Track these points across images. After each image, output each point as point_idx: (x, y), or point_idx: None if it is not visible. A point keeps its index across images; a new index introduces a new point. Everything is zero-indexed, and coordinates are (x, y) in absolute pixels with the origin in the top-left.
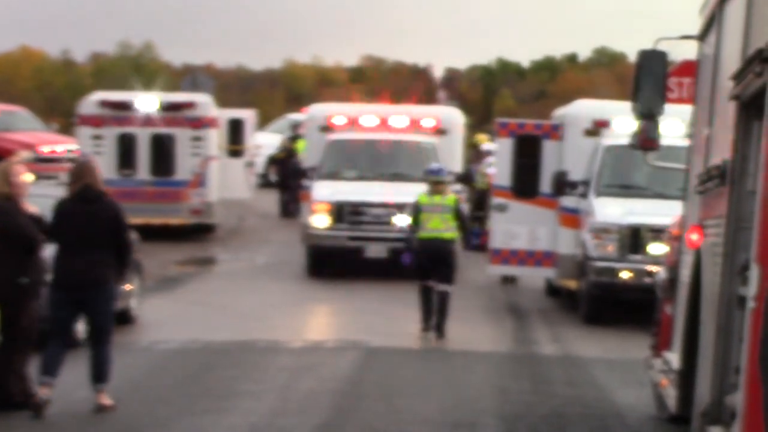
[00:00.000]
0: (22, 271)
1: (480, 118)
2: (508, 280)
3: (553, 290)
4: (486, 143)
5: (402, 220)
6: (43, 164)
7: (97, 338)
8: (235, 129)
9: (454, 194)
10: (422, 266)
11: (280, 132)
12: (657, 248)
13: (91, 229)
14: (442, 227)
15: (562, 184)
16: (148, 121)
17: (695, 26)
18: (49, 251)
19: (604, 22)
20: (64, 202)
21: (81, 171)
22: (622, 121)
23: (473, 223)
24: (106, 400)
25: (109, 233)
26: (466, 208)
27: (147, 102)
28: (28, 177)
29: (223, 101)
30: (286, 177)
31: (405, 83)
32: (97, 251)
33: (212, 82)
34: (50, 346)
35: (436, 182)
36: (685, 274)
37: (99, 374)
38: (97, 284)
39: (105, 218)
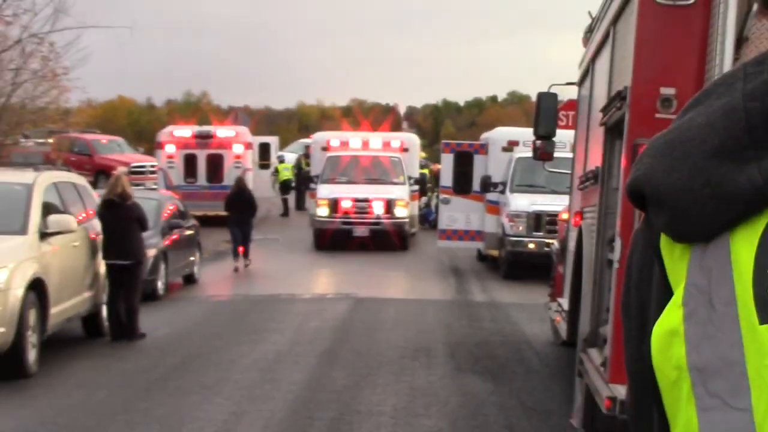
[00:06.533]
0: (140, 242)
1: (431, 141)
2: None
3: (482, 257)
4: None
5: (377, 209)
6: (134, 175)
7: (245, 241)
8: (264, 150)
9: None
10: None
11: (295, 151)
12: (552, 228)
13: (243, 204)
14: None
15: (488, 185)
16: (204, 145)
17: (576, 75)
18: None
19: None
20: (232, 193)
21: (239, 181)
22: (527, 141)
23: (426, 207)
24: (248, 262)
25: (249, 205)
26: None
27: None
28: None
29: (256, 131)
30: (299, 183)
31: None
32: (246, 212)
33: (248, 118)
34: (235, 248)
35: None
36: (572, 245)
37: (246, 253)
38: (248, 221)
39: (248, 200)
